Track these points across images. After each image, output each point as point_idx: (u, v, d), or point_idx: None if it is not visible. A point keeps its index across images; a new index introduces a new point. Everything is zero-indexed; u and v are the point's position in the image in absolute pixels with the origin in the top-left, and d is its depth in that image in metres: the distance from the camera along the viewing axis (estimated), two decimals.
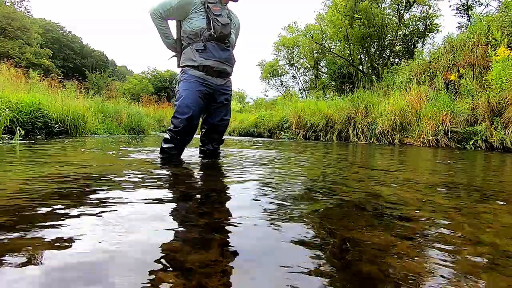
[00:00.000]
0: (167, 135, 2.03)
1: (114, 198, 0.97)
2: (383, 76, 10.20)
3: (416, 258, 0.59)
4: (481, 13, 10.02)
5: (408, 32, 13.72)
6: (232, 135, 13.12)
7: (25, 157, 2.20)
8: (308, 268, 0.53)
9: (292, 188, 1.28)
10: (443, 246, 0.65)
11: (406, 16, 13.49)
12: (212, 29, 1.95)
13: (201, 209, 0.91)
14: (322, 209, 0.94)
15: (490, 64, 5.53)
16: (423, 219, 0.86)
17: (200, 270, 0.50)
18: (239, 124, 13.44)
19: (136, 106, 12.50)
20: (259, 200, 1.04)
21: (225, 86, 2.15)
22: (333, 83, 15.89)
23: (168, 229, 0.70)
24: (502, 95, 4.86)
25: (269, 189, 1.24)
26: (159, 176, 1.44)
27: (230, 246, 0.63)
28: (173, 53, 2.17)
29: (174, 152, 2.05)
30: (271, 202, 1.00)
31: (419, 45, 13.25)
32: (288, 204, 0.99)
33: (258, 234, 0.71)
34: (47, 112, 5.22)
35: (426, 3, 12.70)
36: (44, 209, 0.82)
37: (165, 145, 2.05)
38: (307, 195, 1.17)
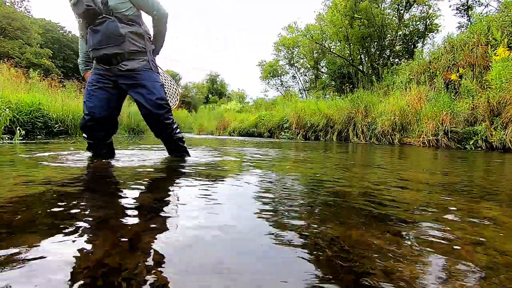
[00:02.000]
0: None
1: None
2: (383, 76, 10.20)
3: (415, 258, 0.59)
4: (481, 13, 10.02)
5: (408, 32, 13.72)
6: (232, 135, 13.11)
7: None
8: (305, 268, 0.53)
9: (290, 188, 1.28)
10: (442, 247, 0.65)
11: (406, 16, 13.49)
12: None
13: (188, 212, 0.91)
14: (319, 208, 0.94)
15: (490, 64, 5.53)
16: (422, 218, 0.86)
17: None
18: (239, 124, 13.42)
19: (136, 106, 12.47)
20: (253, 197, 1.04)
21: (125, 71, 1.84)
22: (333, 83, 15.89)
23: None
24: (502, 95, 4.86)
25: (266, 188, 1.24)
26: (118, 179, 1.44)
27: (218, 247, 0.62)
28: None
29: (90, 141, 1.96)
30: (268, 200, 1.00)
31: (419, 45, 13.25)
32: (286, 203, 0.99)
33: (253, 232, 0.71)
34: (47, 112, 5.23)
35: (426, 3, 12.70)
36: None
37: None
38: (305, 194, 1.16)
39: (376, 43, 14.08)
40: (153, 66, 1.95)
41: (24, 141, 3.73)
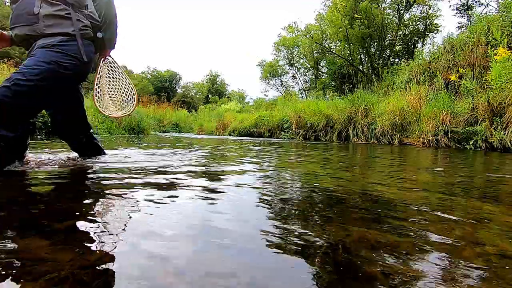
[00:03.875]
0: None
1: None
2: (383, 76, 10.20)
3: (414, 258, 0.59)
4: (481, 13, 10.01)
5: (408, 32, 13.72)
6: (232, 135, 13.11)
7: None
8: (306, 269, 0.53)
9: (290, 187, 1.28)
10: (442, 246, 0.65)
11: (406, 16, 13.50)
12: None
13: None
14: (319, 208, 0.94)
15: (490, 64, 5.53)
16: (422, 218, 0.86)
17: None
18: (239, 124, 13.40)
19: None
20: (259, 197, 1.04)
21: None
22: (333, 83, 15.89)
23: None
24: (502, 95, 4.86)
25: (266, 187, 1.24)
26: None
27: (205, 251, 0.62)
28: None
29: None
30: (268, 199, 1.00)
31: (419, 45, 13.25)
32: (285, 203, 0.99)
33: (256, 236, 0.71)
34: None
35: (426, 3, 12.70)
36: None
37: None
38: (304, 194, 1.16)
39: (376, 43, 14.08)
40: (60, 46, 1.47)
41: None
